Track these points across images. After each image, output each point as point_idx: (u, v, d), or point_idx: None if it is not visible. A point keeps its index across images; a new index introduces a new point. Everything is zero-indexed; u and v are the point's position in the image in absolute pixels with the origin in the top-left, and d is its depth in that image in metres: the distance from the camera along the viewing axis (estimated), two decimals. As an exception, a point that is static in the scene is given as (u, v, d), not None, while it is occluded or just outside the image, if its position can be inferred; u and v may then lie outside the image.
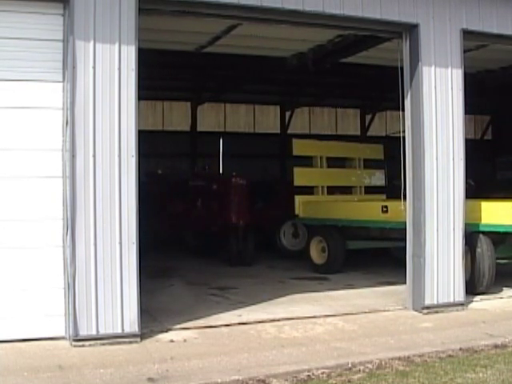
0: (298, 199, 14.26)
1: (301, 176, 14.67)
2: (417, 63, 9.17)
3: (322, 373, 6.55)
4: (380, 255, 14.07)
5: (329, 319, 8.77)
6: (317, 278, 12.48)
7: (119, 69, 7.54)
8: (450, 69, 9.34)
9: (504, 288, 10.77)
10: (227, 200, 14.50)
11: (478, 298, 10.02)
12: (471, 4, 9.52)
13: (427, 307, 9.10)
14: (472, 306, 9.60)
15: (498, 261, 10.62)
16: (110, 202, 7.46)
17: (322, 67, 12.22)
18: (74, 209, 7.29)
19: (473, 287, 10.09)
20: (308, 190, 14.94)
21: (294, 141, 15.50)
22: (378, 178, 16.30)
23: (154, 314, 8.70)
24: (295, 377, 6.44)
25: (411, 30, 9.23)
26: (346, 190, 15.90)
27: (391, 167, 13.57)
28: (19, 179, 7.34)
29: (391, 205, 11.82)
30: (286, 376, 6.43)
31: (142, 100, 8.49)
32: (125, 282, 7.49)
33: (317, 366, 6.67)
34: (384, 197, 15.31)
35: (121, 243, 7.50)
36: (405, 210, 9.62)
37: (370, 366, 6.77)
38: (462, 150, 9.40)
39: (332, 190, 15.27)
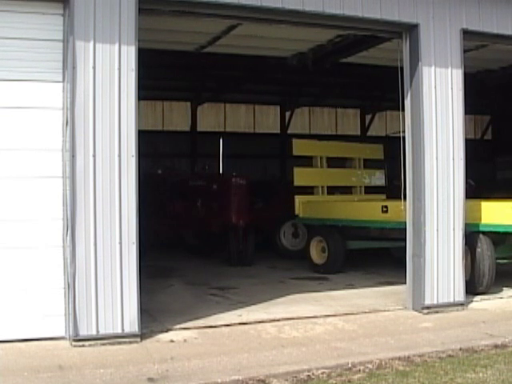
0: (298, 199, 14.26)
1: (301, 176, 14.68)
2: (417, 63, 9.17)
3: (322, 373, 6.55)
4: (380, 255, 14.07)
5: (329, 319, 8.77)
6: (317, 278, 12.48)
7: (119, 69, 7.54)
8: (449, 69, 9.34)
9: (504, 288, 10.77)
10: (227, 200, 14.49)
11: (478, 297, 10.02)
12: (471, 4, 9.52)
13: (427, 307, 9.10)
14: (472, 306, 9.60)
15: (498, 261, 10.62)
16: (110, 202, 7.46)
17: (321, 67, 12.22)
18: (73, 209, 7.29)
19: (473, 287, 10.09)
20: (308, 190, 14.94)
21: (294, 141, 15.50)
22: (378, 178, 16.31)
23: (154, 314, 8.70)
24: (295, 377, 6.44)
25: (411, 29, 9.23)
26: (346, 190, 15.91)
27: (391, 167, 13.58)
28: (19, 179, 7.35)
29: (391, 205, 11.83)
30: (286, 376, 6.43)
31: (142, 100, 8.49)
32: (125, 282, 7.49)
33: (317, 366, 6.67)
34: (384, 197, 15.32)
35: (121, 243, 7.49)
36: (405, 209, 9.63)
37: (370, 366, 6.77)
38: (462, 150, 9.40)
39: (332, 190, 15.28)
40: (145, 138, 8.28)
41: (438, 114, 9.25)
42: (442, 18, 9.30)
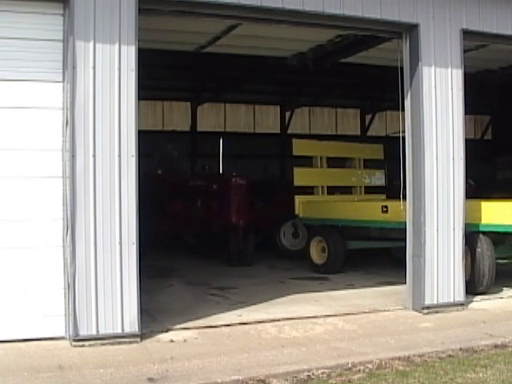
0: (298, 199, 14.25)
1: (301, 176, 14.68)
2: (417, 63, 9.17)
3: (322, 373, 6.55)
4: (380, 255, 14.07)
5: (329, 319, 8.77)
6: (317, 278, 12.48)
7: (119, 69, 7.54)
8: (449, 69, 9.34)
9: (504, 288, 10.77)
10: (227, 200, 14.49)
11: (478, 297, 10.02)
12: (471, 4, 9.52)
13: (427, 307, 9.10)
14: (472, 306, 9.60)
15: (498, 261, 10.62)
16: (110, 202, 7.46)
17: (321, 67, 12.23)
18: (73, 209, 7.29)
19: (473, 287, 10.09)
20: (308, 190, 14.94)
21: (294, 141, 15.51)
22: (378, 178, 16.31)
23: (154, 314, 8.70)
24: (295, 377, 6.44)
25: (411, 29, 9.23)
26: (346, 190, 15.91)
27: (391, 167, 13.58)
28: (19, 179, 7.34)
29: (391, 205, 11.82)
30: (286, 376, 6.43)
31: (142, 100, 8.49)
32: (125, 282, 7.49)
33: (317, 366, 6.67)
34: (384, 197, 15.32)
35: (121, 243, 7.49)
36: (404, 209, 9.63)
37: (370, 365, 6.77)
38: (462, 150, 9.40)
39: (332, 190, 15.28)
40: (145, 138, 8.27)
41: (438, 114, 9.25)
42: (442, 18, 9.30)
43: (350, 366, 6.73)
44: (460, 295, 9.34)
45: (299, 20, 8.75)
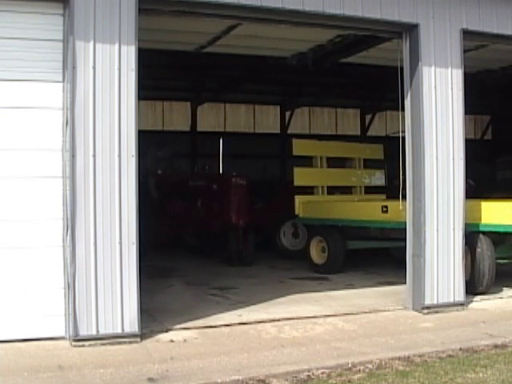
0: (298, 199, 14.26)
1: (301, 176, 14.68)
2: (417, 63, 9.17)
3: (322, 373, 6.55)
4: (380, 255, 14.07)
5: (329, 319, 8.77)
6: (317, 278, 12.48)
7: (119, 69, 7.54)
8: (449, 69, 9.34)
9: (504, 288, 10.77)
10: (227, 200, 14.49)
11: (478, 297, 10.02)
12: (471, 4, 9.52)
13: (427, 307, 9.10)
14: (472, 306, 9.60)
15: (498, 261, 10.62)
16: (110, 202, 7.46)
17: (321, 67, 12.22)
18: (73, 209, 7.29)
19: (473, 287, 10.09)
20: (308, 190, 14.95)
21: (294, 141, 15.50)
22: (378, 178, 16.31)
23: (154, 314, 8.70)
24: (295, 377, 6.44)
25: (411, 29, 9.24)
26: (346, 190, 15.91)
27: (391, 167, 13.58)
28: (19, 179, 7.34)
29: (391, 205, 11.82)
30: (286, 376, 6.44)
31: (142, 100, 8.49)
32: (125, 282, 7.49)
33: (317, 366, 6.67)
34: (384, 197, 15.32)
35: (121, 243, 7.49)
36: (404, 209, 9.63)
37: (370, 366, 6.77)
38: (462, 150, 9.40)
39: (332, 190, 15.28)
40: (145, 138, 8.27)
41: (438, 114, 9.25)
42: (442, 18, 9.31)
43: (350, 366, 6.74)
44: (460, 295, 9.34)
45: (299, 20, 8.75)
